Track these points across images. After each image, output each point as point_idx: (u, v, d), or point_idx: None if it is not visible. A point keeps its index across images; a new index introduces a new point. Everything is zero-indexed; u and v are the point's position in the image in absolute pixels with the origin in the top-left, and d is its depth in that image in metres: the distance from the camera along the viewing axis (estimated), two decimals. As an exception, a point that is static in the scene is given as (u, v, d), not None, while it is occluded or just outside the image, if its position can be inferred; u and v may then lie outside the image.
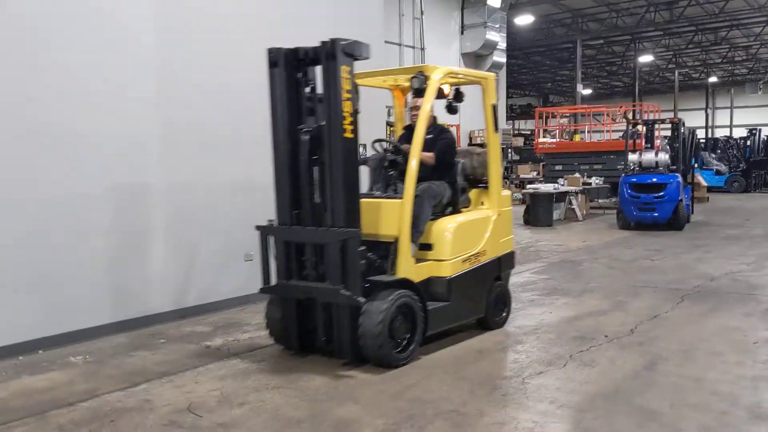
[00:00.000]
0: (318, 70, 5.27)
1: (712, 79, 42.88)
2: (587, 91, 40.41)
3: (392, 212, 5.42)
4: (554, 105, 45.37)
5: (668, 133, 17.35)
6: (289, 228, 5.34)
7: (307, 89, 5.35)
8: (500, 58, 22.47)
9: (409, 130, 5.99)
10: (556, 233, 14.07)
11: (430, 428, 4.15)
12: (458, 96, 6.12)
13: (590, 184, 17.60)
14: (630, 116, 19.99)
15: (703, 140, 30.55)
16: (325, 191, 5.18)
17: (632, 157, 15.05)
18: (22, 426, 4.25)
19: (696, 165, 20.11)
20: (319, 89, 5.28)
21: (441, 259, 5.70)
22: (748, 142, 27.76)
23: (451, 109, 6.12)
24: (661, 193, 13.85)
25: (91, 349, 5.81)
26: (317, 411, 4.42)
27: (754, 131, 28.06)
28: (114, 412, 4.44)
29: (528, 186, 16.55)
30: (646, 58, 34.45)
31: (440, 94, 6.00)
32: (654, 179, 14.08)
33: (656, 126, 16.97)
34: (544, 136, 22.95)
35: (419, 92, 5.56)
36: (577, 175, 17.66)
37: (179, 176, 6.74)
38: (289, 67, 5.26)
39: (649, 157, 14.72)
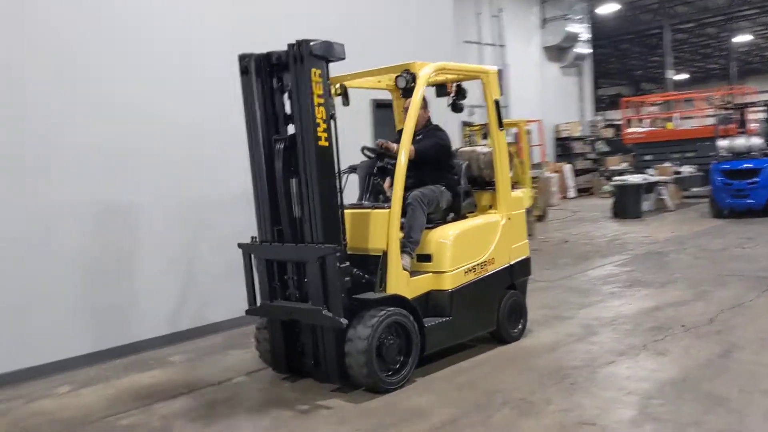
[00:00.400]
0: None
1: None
2: (682, 76, 38.95)
3: (380, 223, 5.06)
4: (646, 93, 43.95)
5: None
6: (270, 245, 5.02)
7: (286, 95, 5.00)
8: (583, 49, 22.16)
9: (417, 133, 5.78)
10: (645, 225, 13.80)
11: (498, 416, 4.35)
12: (460, 92, 5.85)
13: (681, 173, 17.10)
14: (720, 101, 19.22)
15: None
16: (303, 204, 4.83)
17: (722, 143, 14.56)
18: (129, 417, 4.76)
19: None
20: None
21: (440, 270, 5.31)
22: None
23: (456, 107, 5.90)
24: (756, 179, 13.33)
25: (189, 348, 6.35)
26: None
27: None
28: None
29: (615, 177, 16.25)
30: (742, 38, 32.89)
31: (442, 92, 5.86)
32: (747, 164, 13.58)
33: (748, 109, 16.32)
34: (633, 126, 22.42)
35: (407, 92, 5.24)
36: (667, 164, 17.19)
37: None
38: (262, 73, 4.91)
39: (741, 141, 14.22)
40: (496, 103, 5.84)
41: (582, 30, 21.81)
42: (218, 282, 6.76)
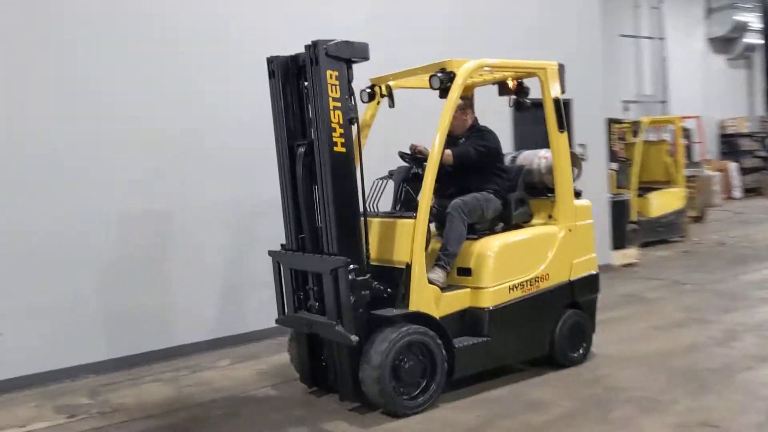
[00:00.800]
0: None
1: None
2: None
3: (405, 234, 4.68)
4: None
5: None
6: (293, 254, 4.83)
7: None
8: (753, 39, 20.66)
9: (450, 138, 5.33)
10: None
11: (618, 412, 4.38)
12: (521, 90, 5.38)
13: None
14: None
15: None
16: (321, 213, 4.65)
17: None
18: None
19: None
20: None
21: (479, 286, 4.89)
22: None
23: (520, 106, 5.41)
24: None
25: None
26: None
27: None
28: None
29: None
30: None
31: (504, 90, 5.42)
32: None
33: None
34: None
35: (443, 93, 4.80)
36: None
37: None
38: (288, 76, 4.72)
39: None
40: (556, 101, 5.29)
41: (752, 19, 20.34)
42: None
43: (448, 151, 5.03)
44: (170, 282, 6.26)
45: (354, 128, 4.54)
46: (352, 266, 4.38)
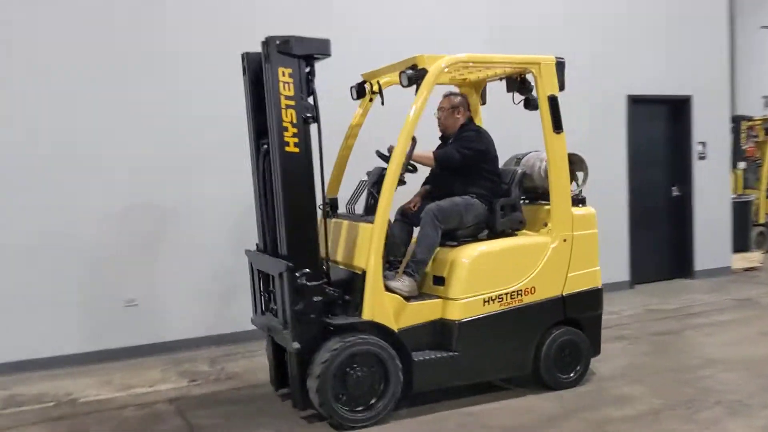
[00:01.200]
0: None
1: None
2: None
3: (365, 238, 4.47)
4: None
5: None
6: (261, 255, 4.76)
7: None
8: None
9: (444, 139, 5.13)
10: None
11: (706, 413, 4.35)
12: (523, 86, 5.02)
13: None
14: None
15: None
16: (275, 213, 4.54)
17: None
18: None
19: None
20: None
21: (450, 297, 4.61)
22: None
23: (530, 104, 4.99)
24: None
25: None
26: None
27: None
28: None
29: None
30: None
31: (510, 86, 5.09)
32: None
33: None
34: None
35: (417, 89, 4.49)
36: None
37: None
38: (258, 73, 4.48)
39: None
40: (552, 99, 4.82)
41: None
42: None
43: (430, 155, 4.84)
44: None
45: (313, 128, 4.34)
46: (302, 270, 4.23)
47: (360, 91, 5.27)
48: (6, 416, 4.77)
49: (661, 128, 8.93)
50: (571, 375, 4.94)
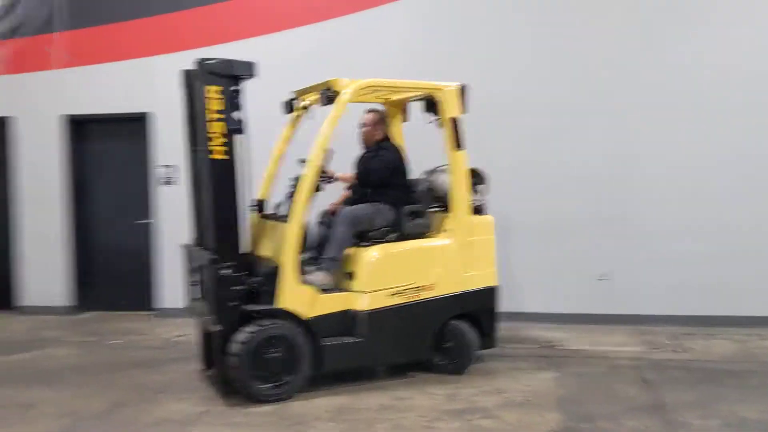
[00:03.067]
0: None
1: None
2: None
3: (283, 236, 5.12)
4: None
5: None
6: (192, 247, 5.56)
7: None
8: None
9: (368, 151, 5.84)
10: None
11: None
12: (433, 108, 5.66)
13: None
14: None
15: None
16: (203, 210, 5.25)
17: None
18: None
19: None
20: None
21: (357, 290, 5.28)
22: None
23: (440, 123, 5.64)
24: None
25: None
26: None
27: None
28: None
29: None
30: None
31: (426, 107, 5.71)
32: None
33: None
34: None
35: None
36: None
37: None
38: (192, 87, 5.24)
39: None
40: (453, 121, 5.54)
41: None
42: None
43: (348, 175, 5.85)
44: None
45: (239, 138, 5.03)
46: (224, 263, 4.89)
47: (290, 106, 5.94)
48: (506, 351, 6.21)
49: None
50: (456, 362, 5.60)
